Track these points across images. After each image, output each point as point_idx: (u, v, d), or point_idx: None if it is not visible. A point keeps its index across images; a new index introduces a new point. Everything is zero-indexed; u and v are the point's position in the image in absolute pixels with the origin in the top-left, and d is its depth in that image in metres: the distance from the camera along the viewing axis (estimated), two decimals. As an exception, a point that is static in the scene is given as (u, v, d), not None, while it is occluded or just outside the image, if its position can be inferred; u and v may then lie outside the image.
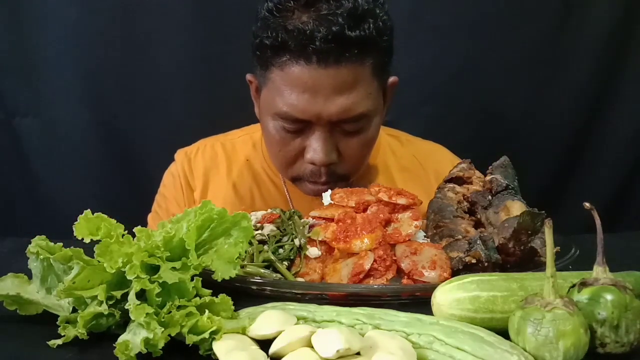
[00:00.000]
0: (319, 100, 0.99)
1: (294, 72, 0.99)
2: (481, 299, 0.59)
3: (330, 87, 0.98)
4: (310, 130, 1.03)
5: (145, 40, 1.64)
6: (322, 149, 1.03)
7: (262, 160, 1.24)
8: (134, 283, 0.58)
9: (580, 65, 1.71)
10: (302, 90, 0.99)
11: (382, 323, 0.57)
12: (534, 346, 0.51)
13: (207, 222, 0.68)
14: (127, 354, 0.54)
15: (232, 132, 1.33)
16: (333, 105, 0.99)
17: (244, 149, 1.27)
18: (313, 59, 0.96)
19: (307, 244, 0.81)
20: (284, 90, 1.01)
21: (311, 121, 1.02)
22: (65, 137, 1.68)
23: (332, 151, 1.05)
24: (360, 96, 1.01)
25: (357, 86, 1.01)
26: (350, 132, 1.05)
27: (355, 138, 1.06)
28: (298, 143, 1.06)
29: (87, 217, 0.64)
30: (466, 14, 1.67)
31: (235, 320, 0.59)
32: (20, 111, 1.68)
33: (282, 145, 1.07)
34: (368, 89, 1.03)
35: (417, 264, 0.76)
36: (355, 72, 0.99)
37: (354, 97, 1.00)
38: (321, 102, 0.99)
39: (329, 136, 1.03)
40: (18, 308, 0.65)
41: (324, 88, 0.98)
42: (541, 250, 0.76)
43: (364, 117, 1.04)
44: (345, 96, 1.00)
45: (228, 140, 1.29)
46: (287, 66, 0.99)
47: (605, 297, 0.54)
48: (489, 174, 0.94)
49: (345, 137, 1.05)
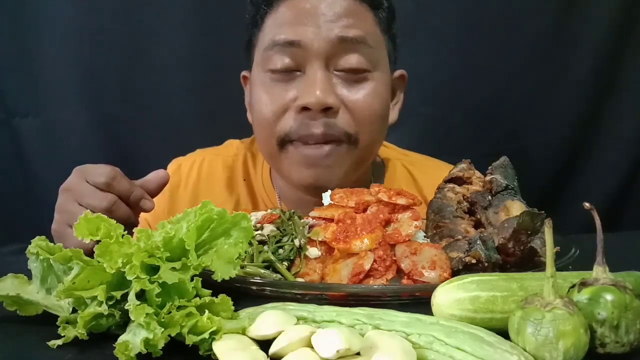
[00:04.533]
0: (316, 21, 0.96)
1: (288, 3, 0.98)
2: (481, 299, 0.59)
3: (329, 11, 0.96)
4: (304, 75, 0.98)
5: (145, 40, 1.65)
6: (316, 87, 0.94)
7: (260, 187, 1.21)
8: (134, 283, 0.58)
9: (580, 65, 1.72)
10: (299, 14, 0.97)
11: (382, 323, 0.56)
12: (534, 346, 0.51)
13: (207, 222, 0.68)
14: (127, 354, 0.54)
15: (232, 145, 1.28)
16: (330, 25, 0.95)
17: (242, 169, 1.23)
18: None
19: (307, 244, 0.81)
20: (280, 21, 0.98)
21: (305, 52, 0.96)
22: (65, 137, 1.68)
23: (329, 93, 0.96)
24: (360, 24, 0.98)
25: (356, 16, 0.98)
26: (353, 77, 0.99)
27: (359, 88, 0.99)
28: (289, 95, 0.98)
29: (87, 217, 0.64)
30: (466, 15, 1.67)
31: (235, 321, 0.59)
32: (20, 111, 1.68)
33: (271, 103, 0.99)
34: (370, 28, 1.00)
35: (417, 264, 0.76)
36: (355, 5, 0.98)
37: (354, 22, 0.97)
38: (317, 23, 0.96)
39: (324, 75, 0.96)
40: (18, 309, 0.65)
41: (322, 12, 0.96)
42: (541, 250, 0.76)
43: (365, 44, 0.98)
44: (343, 20, 0.96)
45: (229, 157, 1.25)
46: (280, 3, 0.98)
47: (605, 297, 0.54)
48: (489, 174, 0.94)
49: (347, 85, 0.99)
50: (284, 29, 0.98)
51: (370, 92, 1.01)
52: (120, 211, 0.84)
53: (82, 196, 0.84)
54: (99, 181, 0.83)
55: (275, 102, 1.00)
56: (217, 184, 1.22)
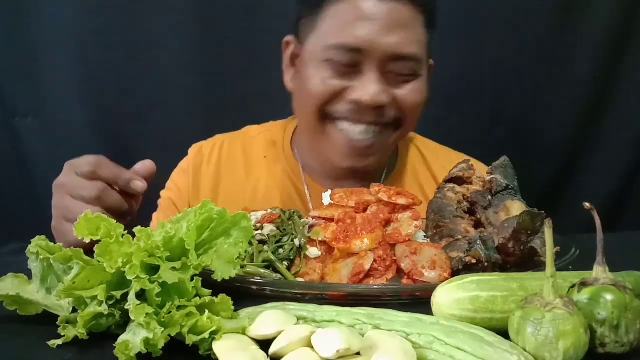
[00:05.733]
0: (376, 29, 1.02)
1: (354, 3, 1.02)
2: (481, 299, 0.59)
3: (388, 20, 1.02)
4: (360, 72, 1.04)
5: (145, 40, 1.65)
6: (372, 86, 1.02)
7: (282, 160, 1.23)
8: (134, 283, 0.58)
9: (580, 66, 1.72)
10: (361, 19, 1.02)
11: (382, 323, 0.56)
12: (534, 346, 0.51)
13: (207, 222, 0.68)
14: (127, 354, 0.54)
15: (250, 130, 1.32)
16: (388, 38, 1.02)
17: (263, 148, 1.26)
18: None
19: (307, 244, 0.81)
20: (342, 21, 1.03)
21: (364, 56, 1.02)
22: (65, 137, 1.68)
23: (383, 92, 1.04)
24: (413, 37, 1.05)
25: (411, 27, 1.04)
26: (402, 78, 1.05)
27: (408, 85, 1.07)
28: (344, 85, 1.04)
29: (87, 217, 0.64)
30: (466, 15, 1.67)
31: (235, 320, 0.59)
32: (20, 111, 1.68)
33: (325, 87, 1.05)
34: (420, 36, 1.06)
35: (417, 264, 0.76)
36: (410, 13, 1.04)
37: (408, 36, 1.04)
38: (377, 32, 1.02)
39: (379, 76, 1.04)
40: (18, 308, 0.65)
41: (382, 20, 1.02)
42: (541, 250, 0.76)
43: (416, 59, 1.05)
44: (400, 33, 1.02)
45: (248, 139, 1.28)
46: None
47: (605, 297, 0.54)
48: (489, 174, 0.94)
49: (397, 83, 1.06)
50: (346, 33, 1.03)
51: (417, 88, 1.09)
52: (110, 198, 0.85)
53: (73, 189, 0.86)
54: (85, 170, 0.85)
55: (330, 87, 1.06)
56: (238, 163, 1.25)
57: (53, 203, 0.89)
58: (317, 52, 1.06)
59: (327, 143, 1.11)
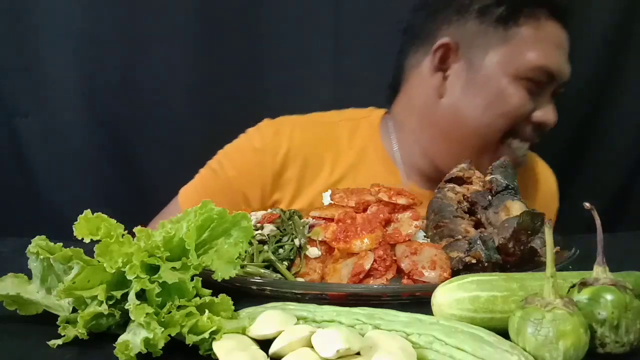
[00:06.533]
0: (564, 58, 1.09)
1: (547, 27, 1.07)
2: (481, 299, 0.59)
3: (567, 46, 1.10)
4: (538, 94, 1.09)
5: (145, 40, 1.64)
6: (554, 110, 1.10)
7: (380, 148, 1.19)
8: (134, 283, 0.58)
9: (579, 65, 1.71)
10: (554, 45, 1.08)
11: (382, 323, 0.57)
12: (534, 346, 0.51)
13: (207, 222, 0.68)
14: (127, 354, 0.54)
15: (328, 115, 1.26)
16: (567, 66, 1.10)
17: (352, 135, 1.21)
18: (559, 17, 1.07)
19: (307, 244, 0.81)
20: (539, 45, 1.06)
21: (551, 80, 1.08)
22: (65, 137, 1.68)
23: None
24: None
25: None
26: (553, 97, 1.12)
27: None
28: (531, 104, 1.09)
29: (87, 217, 0.64)
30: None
31: (235, 320, 0.59)
32: (20, 111, 1.68)
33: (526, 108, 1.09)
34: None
35: (417, 264, 0.76)
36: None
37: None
38: (565, 60, 1.09)
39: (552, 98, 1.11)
40: (18, 308, 0.65)
41: (566, 49, 1.10)
42: (541, 250, 0.76)
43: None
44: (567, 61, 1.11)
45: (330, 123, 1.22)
46: (541, 21, 1.07)
47: (605, 297, 0.54)
48: (489, 174, 0.94)
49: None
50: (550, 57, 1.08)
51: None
52: None
53: None
54: None
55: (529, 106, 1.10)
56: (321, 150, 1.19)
57: None
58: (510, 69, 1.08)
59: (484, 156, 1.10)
